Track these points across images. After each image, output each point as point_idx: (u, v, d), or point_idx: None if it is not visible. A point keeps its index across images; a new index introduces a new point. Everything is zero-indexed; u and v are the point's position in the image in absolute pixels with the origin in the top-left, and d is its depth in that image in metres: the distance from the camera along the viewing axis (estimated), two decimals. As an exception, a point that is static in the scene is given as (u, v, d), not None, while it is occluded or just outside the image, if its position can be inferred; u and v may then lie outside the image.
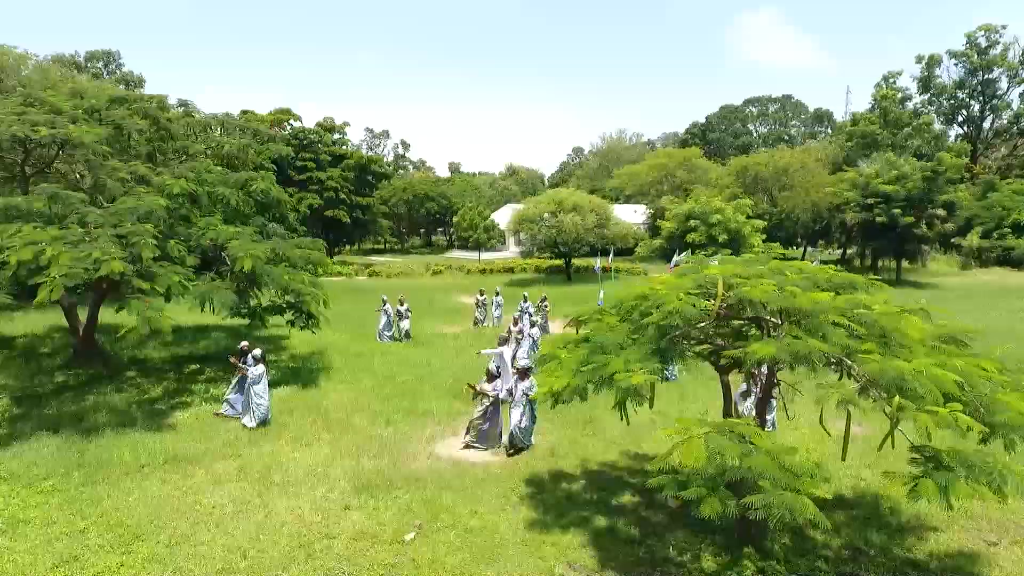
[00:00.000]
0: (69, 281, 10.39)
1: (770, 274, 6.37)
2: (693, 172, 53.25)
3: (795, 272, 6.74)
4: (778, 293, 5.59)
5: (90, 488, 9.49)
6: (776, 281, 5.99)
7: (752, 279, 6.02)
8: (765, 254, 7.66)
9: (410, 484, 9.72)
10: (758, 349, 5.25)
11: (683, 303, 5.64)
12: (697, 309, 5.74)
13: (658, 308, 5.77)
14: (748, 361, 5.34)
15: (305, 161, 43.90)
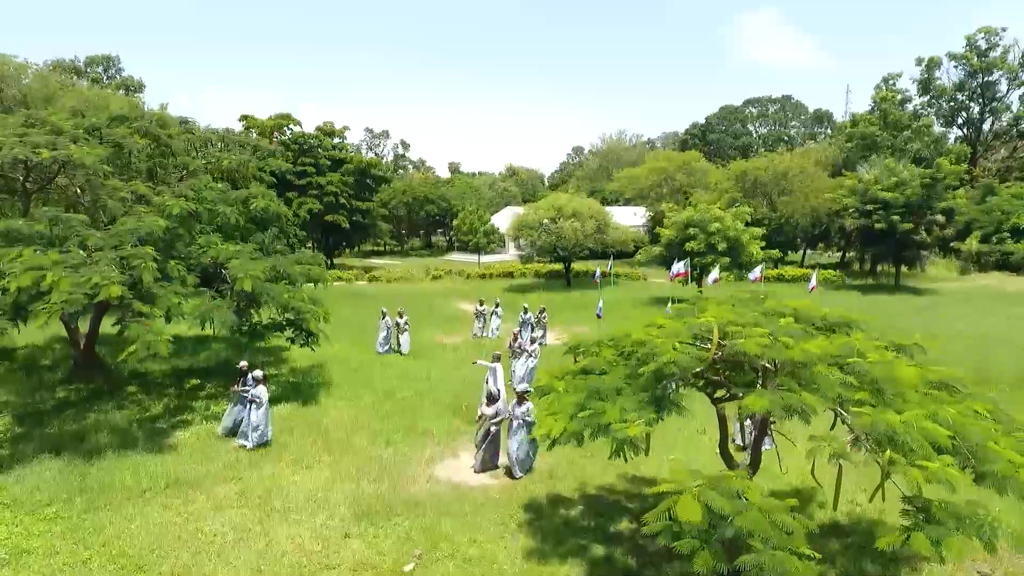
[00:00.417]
0: (69, 308, 10.47)
1: (764, 320, 6.44)
2: (693, 175, 53.27)
3: (789, 313, 6.81)
4: (771, 344, 5.67)
5: (92, 515, 9.57)
6: (770, 328, 6.06)
7: (747, 327, 6.10)
8: (759, 300, 7.70)
9: (410, 510, 9.80)
10: (751, 403, 5.32)
11: (679, 354, 5.72)
12: (692, 359, 5.81)
13: (655, 357, 5.84)
14: (742, 413, 5.42)
15: (305, 166, 43.89)
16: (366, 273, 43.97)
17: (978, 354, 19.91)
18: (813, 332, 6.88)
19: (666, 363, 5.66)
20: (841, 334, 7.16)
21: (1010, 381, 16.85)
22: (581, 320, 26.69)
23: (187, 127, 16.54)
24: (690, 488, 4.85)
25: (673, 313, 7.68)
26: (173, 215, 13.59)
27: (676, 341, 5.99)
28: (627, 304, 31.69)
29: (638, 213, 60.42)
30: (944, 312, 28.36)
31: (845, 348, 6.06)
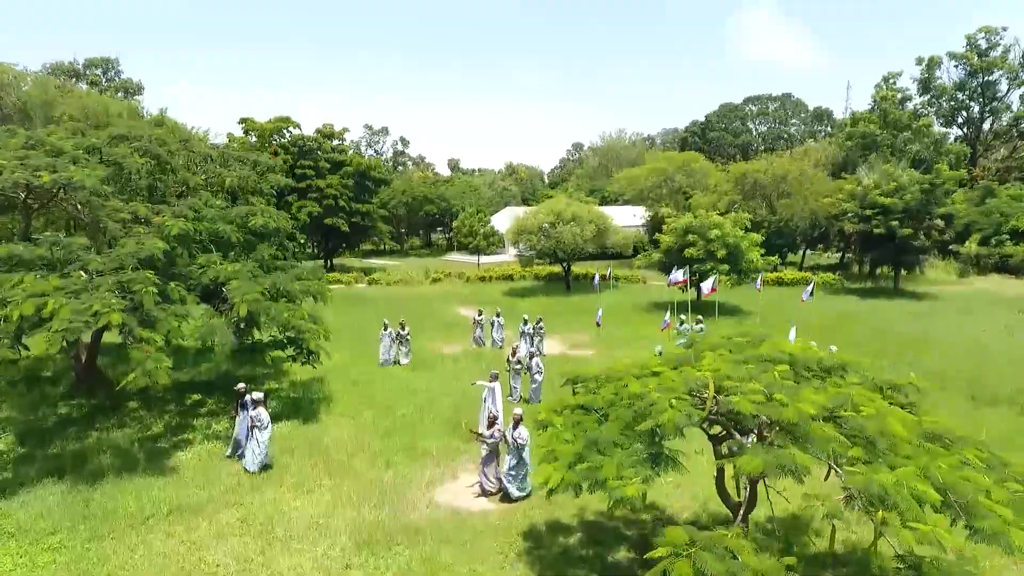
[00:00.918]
0: (70, 336, 10.54)
1: (759, 368, 6.51)
2: (692, 176, 53.26)
3: (785, 360, 6.88)
4: (766, 403, 5.75)
5: (96, 544, 9.68)
6: (765, 380, 6.13)
7: (742, 382, 6.17)
8: (756, 342, 7.76)
9: (410, 538, 9.91)
10: (746, 464, 5.41)
11: (675, 412, 5.80)
12: (688, 418, 5.89)
13: (651, 413, 5.92)
14: (737, 472, 5.51)
15: (304, 169, 43.89)
16: (366, 276, 44.04)
17: (977, 368, 19.97)
18: (808, 377, 6.96)
19: (662, 423, 5.75)
20: (836, 377, 7.23)
21: (1008, 398, 16.91)
22: (580, 327, 26.77)
23: (187, 145, 16.52)
24: (685, 552, 4.93)
25: (665, 355, 7.72)
26: (172, 236, 13.64)
27: (672, 397, 6.07)
28: (626, 309, 31.78)
29: (637, 214, 60.47)
30: (942, 320, 28.43)
31: (839, 399, 6.14)
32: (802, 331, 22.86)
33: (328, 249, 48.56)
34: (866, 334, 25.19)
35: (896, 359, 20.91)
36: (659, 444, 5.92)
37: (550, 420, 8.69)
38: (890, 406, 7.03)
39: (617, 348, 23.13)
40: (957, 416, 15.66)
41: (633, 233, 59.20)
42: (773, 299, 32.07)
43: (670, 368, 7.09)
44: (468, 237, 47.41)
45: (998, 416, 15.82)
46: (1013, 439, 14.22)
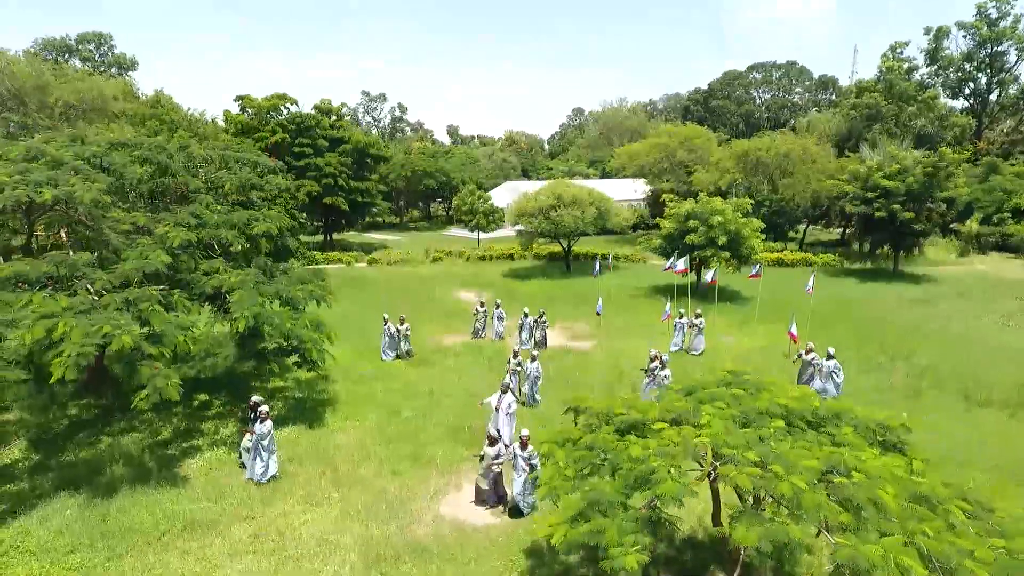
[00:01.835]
0: (83, 360, 10.73)
1: (755, 435, 6.70)
2: (694, 152, 52.84)
3: (781, 415, 7.08)
4: (761, 476, 5.97)
5: (115, 563, 10.05)
6: (760, 453, 6.33)
7: (738, 449, 6.38)
8: (756, 391, 7.93)
9: (416, 556, 10.29)
10: (741, 537, 5.66)
11: (674, 485, 6.02)
12: (686, 487, 6.12)
13: (651, 484, 6.15)
14: (732, 543, 5.77)
15: (303, 147, 43.45)
16: (366, 255, 44.07)
17: (971, 365, 20.22)
18: (803, 429, 7.17)
19: (661, 494, 5.99)
20: (831, 426, 7.45)
21: (1001, 399, 17.18)
22: (581, 315, 26.97)
23: (187, 151, 16.40)
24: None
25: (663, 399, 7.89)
26: (175, 248, 13.73)
27: (671, 465, 6.30)
28: (627, 293, 31.96)
29: (638, 188, 60.17)
30: (939, 308, 28.63)
31: (832, 461, 6.36)
32: (801, 322, 23.13)
33: (328, 226, 48.43)
34: (863, 325, 25.42)
35: (892, 354, 21.18)
36: (658, 511, 6.17)
37: (551, 452, 8.96)
38: (881, 456, 7.26)
39: (617, 339, 23.39)
40: (950, 418, 16.05)
41: (634, 209, 59.09)
42: (773, 282, 32.20)
43: (669, 423, 7.29)
44: (468, 215, 47.22)
45: (990, 418, 16.17)
46: (1004, 443, 14.59)
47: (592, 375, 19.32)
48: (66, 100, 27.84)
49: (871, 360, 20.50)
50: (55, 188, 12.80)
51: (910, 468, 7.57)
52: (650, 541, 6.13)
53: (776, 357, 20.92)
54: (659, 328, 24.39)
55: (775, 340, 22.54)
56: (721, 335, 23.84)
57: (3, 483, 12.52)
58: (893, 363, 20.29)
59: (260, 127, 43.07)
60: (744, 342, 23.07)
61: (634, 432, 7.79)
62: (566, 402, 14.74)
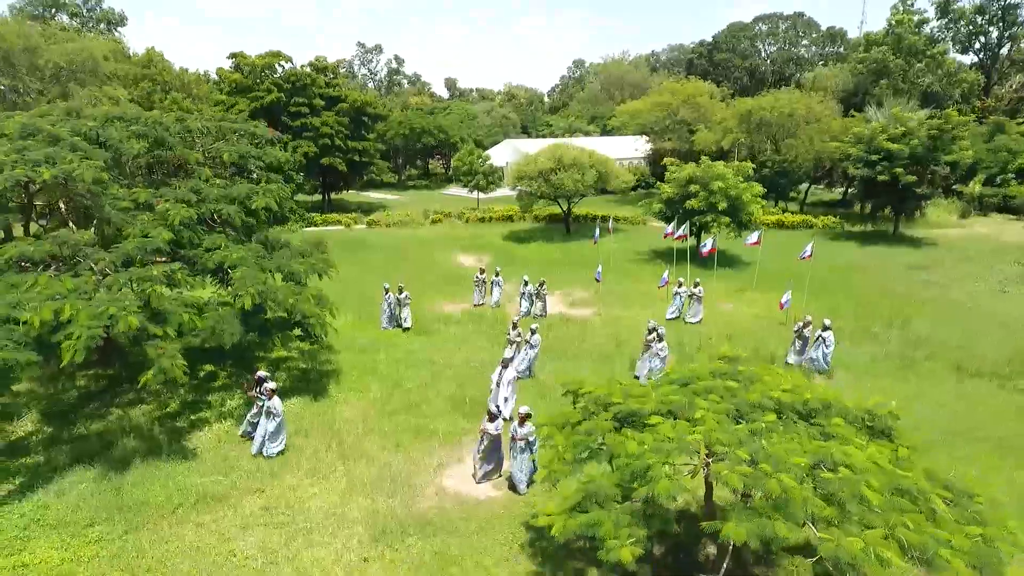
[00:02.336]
0: (91, 342, 10.93)
1: (746, 433, 6.93)
2: (697, 111, 52.03)
3: (772, 408, 7.32)
4: (751, 474, 6.22)
5: (133, 536, 10.49)
6: (751, 450, 6.57)
7: (731, 447, 6.62)
8: (750, 382, 8.12)
9: (421, 529, 10.72)
10: (732, 532, 5.96)
11: (668, 484, 6.29)
12: (680, 485, 6.39)
13: (647, 480, 6.41)
14: (723, 538, 6.07)
15: (298, 106, 42.73)
16: (365, 217, 43.93)
17: (966, 335, 20.47)
18: (795, 422, 7.42)
19: (657, 492, 6.26)
20: (820, 418, 7.70)
21: (992, 370, 17.51)
22: (580, 282, 27.13)
23: (184, 124, 16.21)
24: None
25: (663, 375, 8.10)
26: (175, 226, 13.78)
27: (666, 461, 6.55)
28: (626, 258, 32.06)
29: (639, 147, 59.46)
30: (937, 274, 28.77)
31: (820, 455, 6.63)
32: (799, 287, 23.33)
33: (326, 186, 48.07)
34: (861, 293, 25.61)
35: (888, 323, 21.44)
36: (653, 505, 6.46)
37: (551, 435, 9.27)
38: (869, 444, 7.54)
39: (616, 307, 23.63)
40: (941, 390, 16.42)
41: (635, 168, 58.50)
42: (773, 246, 32.10)
43: (664, 415, 7.54)
44: (467, 175, 46.81)
45: (981, 388, 16.52)
46: (992, 414, 14.98)
47: (591, 345, 19.62)
48: (56, 62, 27.24)
49: (867, 330, 20.78)
50: (54, 167, 12.75)
51: (896, 456, 7.88)
52: (644, 533, 6.46)
53: (773, 327, 21.19)
54: (658, 295, 24.59)
55: (773, 309, 22.75)
56: (719, 302, 24.07)
57: (18, 456, 12.92)
58: (888, 332, 20.58)
59: (254, 86, 42.27)
60: (742, 310, 23.31)
61: (631, 421, 8.05)
62: (565, 375, 15.09)
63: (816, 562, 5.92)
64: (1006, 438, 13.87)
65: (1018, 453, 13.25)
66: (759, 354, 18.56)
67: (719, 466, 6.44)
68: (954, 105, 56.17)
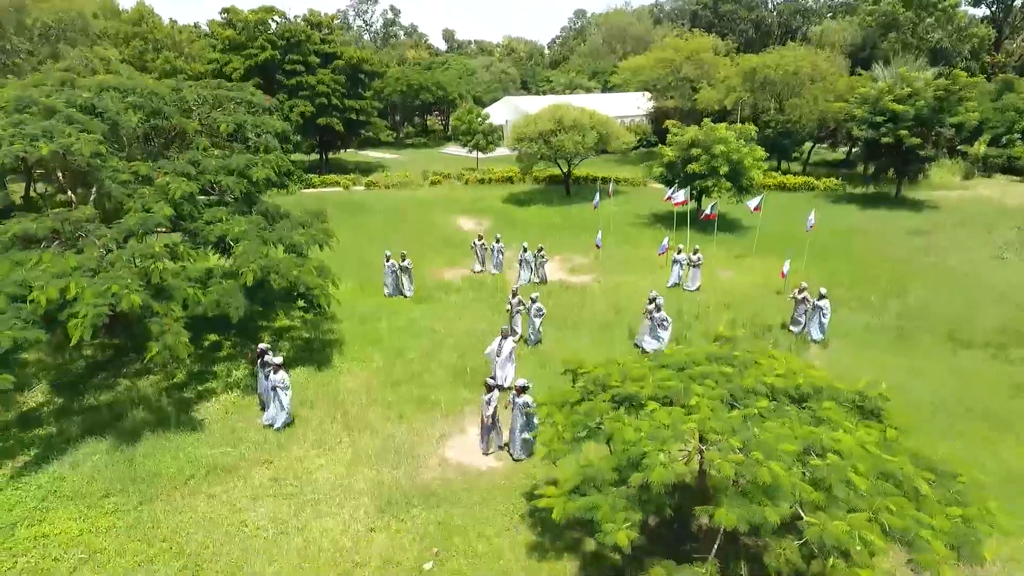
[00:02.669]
0: (97, 320, 11.10)
1: (740, 421, 7.15)
2: (701, 68, 50.96)
3: (765, 392, 7.54)
4: (743, 463, 6.46)
5: (148, 507, 10.90)
6: (743, 439, 6.80)
7: (724, 435, 6.85)
8: (746, 366, 8.30)
9: (425, 500, 11.14)
10: (722, 517, 6.25)
11: (663, 471, 6.53)
12: (674, 472, 6.64)
13: (643, 467, 6.67)
14: (714, 524, 6.36)
15: (294, 64, 41.79)
16: (363, 177, 43.57)
17: (961, 304, 20.64)
18: (787, 408, 7.66)
19: (653, 480, 6.52)
20: (812, 403, 7.94)
21: (984, 340, 17.75)
22: (580, 247, 27.16)
23: (180, 94, 15.95)
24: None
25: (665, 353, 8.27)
26: (176, 200, 13.77)
27: (662, 448, 6.79)
28: (627, 221, 31.99)
29: (641, 105, 58.48)
30: (937, 239, 28.77)
31: (810, 441, 6.88)
32: (799, 253, 23.47)
33: (323, 146, 47.45)
34: (859, 259, 25.69)
35: (885, 291, 21.61)
36: (648, 491, 6.73)
37: (551, 412, 9.54)
38: (859, 427, 7.81)
39: (616, 274, 23.75)
40: (934, 361, 16.72)
41: (636, 126, 57.66)
42: (774, 210, 31.90)
43: (661, 402, 7.77)
44: (466, 135, 46.20)
45: (972, 359, 16.81)
46: (982, 386, 15.30)
47: (591, 313, 19.83)
48: (44, 21, 26.53)
49: (863, 299, 20.97)
50: (52, 141, 12.67)
51: (884, 437, 8.15)
52: (639, 517, 6.77)
53: (770, 296, 21.36)
54: (658, 261, 24.68)
55: (771, 276, 22.88)
56: (718, 269, 24.17)
57: (31, 427, 13.27)
58: (885, 301, 20.77)
59: (248, 43, 41.26)
60: (741, 278, 23.44)
61: (628, 404, 8.30)
62: (566, 347, 15.34)
63: (802, 544, 6.23)
64: (994, 411, 14.22)
65: (1005, 426, 13.61)
66: (756, 323, 18.82)
67: (712, 454, 6.70)
68: (963, 61, 55.03)
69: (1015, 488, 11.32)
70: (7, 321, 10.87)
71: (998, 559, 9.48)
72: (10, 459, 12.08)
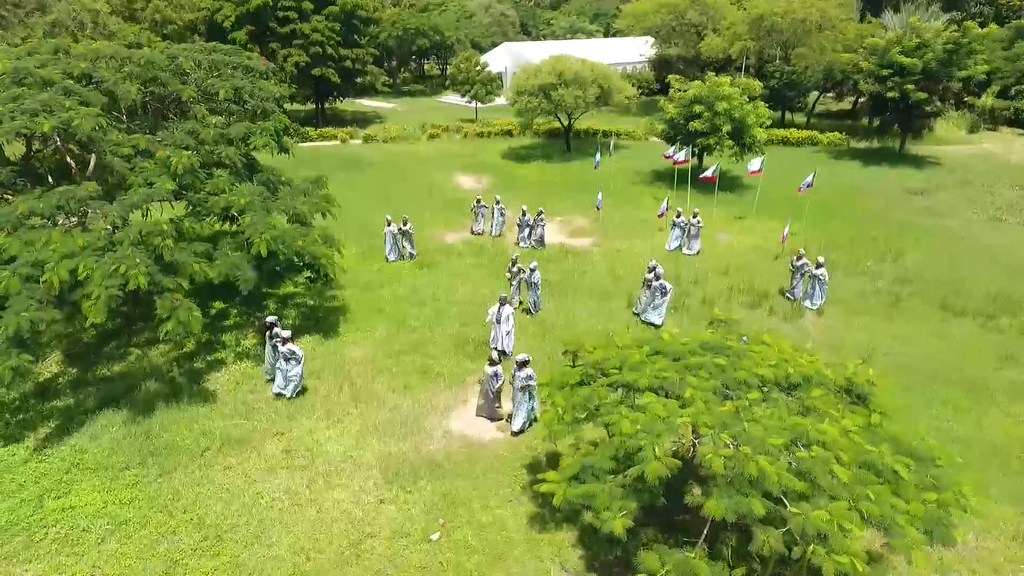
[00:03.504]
0: (111, 302, 11.38)
1: (731, 410, 7.52)
2: (706, 13, 49.46)
3: (756, 385, 7.91)
4: (732, 457, 6.86)
5: (167, 479, 11.45)
6: (733, 433, 7.17)
7: (715, 429, 7.23)
8: (740, 354, 8.60)
9: (431, 471, 11.69)
10: (712, 508, 6.70)
11: (658, 465, 6.94)
12: (671, 463, 7.05)
13: (638, 460, 7.07)
14: (705, 515, 6.82)
15: (286, 11, 40.52)
16: (361, 131, 42.96)
17: (955, 269, 20.87)
18: (776, 399, 8.04)
19: (648, 474, 6.94)
20: (801, 392, 8.32)
21: (976, 308, 18.07)
22: (580, 208, 27.15)
23: (175, 63, 15.63)
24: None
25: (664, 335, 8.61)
26: (178, 173, 13.80)
27: (656, 443, 7.18)
28: (627, 179, 31.82)
29: (643, 51, 56.98)
30: (937, 199, 28.78)
31: (798, 433, 7.29)
32: (799, 214, 23.58)
33: (319, 95, 46.50)
34: (858, 221, 25.76)
35: (882, 255, 21.83)
36: (643, 481, 7.15)
37: (551, 394, 9.96)
38: (845, 413, 8.23)
39: (616, 237, 23.88)
40: (925, 329, 17.11)
41: (639, 72, 56.37)
42: (775, 167, 31.51)
43: (658, 392, 8.14)
44: (465, 85, 45.28)
45: (963, 328, 17.20)
46: (971, 355, 15.76)
47: (590, 280, 20.09)
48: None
49: (859, 263, 21.20)
50: (51, 115, 12.60)
51: (869, 423, 8.58)
52: (635, 507, 7.24)
53: (768, 260, 21.58)
54: (657, 224, 24.75)
55: (770, 239, 23.04)
56: (718, 232, 24.30)
57: (49, 399, 13.72)
58: (881, 266, 21.02)
59: (241, -5, 39.87)
60: (740, 241, 23.59)
61: (626, 391, 8.70)
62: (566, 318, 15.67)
63: (785, 532, 6.71)
64: (980, 380, 14.70)
65: (989, 396, 14.12)
66: (754, 290, 19.11)
67: (704, 449, 7.11)
68: (977, 6, 53.45)
69: (996, 461, 11.91)
70: (22, 302, 11.14)
71: (972, 532, 10.08)
72: (31, 431, 12.58)
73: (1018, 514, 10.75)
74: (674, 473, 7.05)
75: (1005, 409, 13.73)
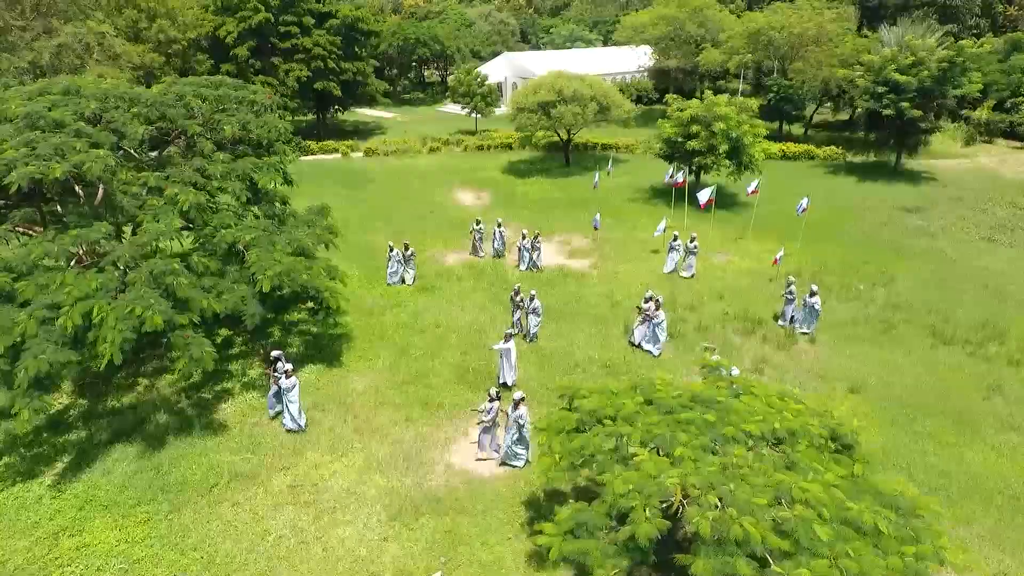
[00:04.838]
0: (126, 344, 11.76)
1: (718, 476, 7.91)
2: (704, 26, 49.88)
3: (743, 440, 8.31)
4: (719, 519, 7.26)
5: (177, 516, 11.84)
6: (719, 494, 7.56)
7: (703, 491, 7.63)
8: (721, 417, 8.99)
9: (433, 508, 12.07)
10: (699, 568, 7.10)
11: (648, 527, 7.34)
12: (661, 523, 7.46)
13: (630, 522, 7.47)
14: (691, 573, 7.24)
15: (288, 26, 40.91)
16: (362, 144, 43.36)
17: (944, 296, 21.15)
18: (763, 452, 8.44)
19: (638, 534, 7.34)
20: (787, 446, 8.71)
21: (964, 336, 18.42)
22: (578, 227, 27.52)
23: (184, 103, 16.01)
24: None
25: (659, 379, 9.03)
26: (185, 211, 14.19)
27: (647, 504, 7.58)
28: (625, 196, 32.21)
29: (643, 63, 57.36)
30: (931, 218, 29.16)
31: (781, 489, 7.69)
32: (793, 235, 24.00)
33: (320, 107, 46.91)
34: (851, 243, 26.08)
35: (874, 280, 22.19)
36: (635, 542, 7.55)
37: (548, 440, 10.35)
38: (829, 464, 8.63)
39: (613, 260, 24.25)
40: (914, 357, 17.50)
41: (637, 81, 56.75)
42: (772, 184, 31.88)
43: (650, 449, 8.54)
44: (465, 97, 45.72)
45: (951, 356, 17.58)
46: (958, 384, 16.14)
47: (587, 305, 20.46)
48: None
49: (852, 288, 21.57)
50: (63, 159, 12.99)
51: (852, 473, 8.98)
52: (628, 563, 7.65)
53: (763, 283, 21.95)
54: (654, 245, 25.13)
55: (765, 261, 23.40)
56: (714, 253, 24.67)
57: (61, 432, 14.12)
58: (872, 291, 21.40)
59: (242, 5, 40.25)
60: (735, 263, 23.96)
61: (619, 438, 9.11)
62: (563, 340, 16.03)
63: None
64: (966, 411, 15.09)
65: (973, 428, 14.51)
66: (748, 316, 19.49)
67: (692, 511, 7.51)
68: (973, 19, 53.85)
69: (977, 498, 12.30)
70: (40, 345, 11.52)
71: (952, 569, 10.48)
72: (46, 466, 12.98)
73: (998, 550, 11.15)
74: (663, 534, 7.43)
75: (991, 441, 14.11)
